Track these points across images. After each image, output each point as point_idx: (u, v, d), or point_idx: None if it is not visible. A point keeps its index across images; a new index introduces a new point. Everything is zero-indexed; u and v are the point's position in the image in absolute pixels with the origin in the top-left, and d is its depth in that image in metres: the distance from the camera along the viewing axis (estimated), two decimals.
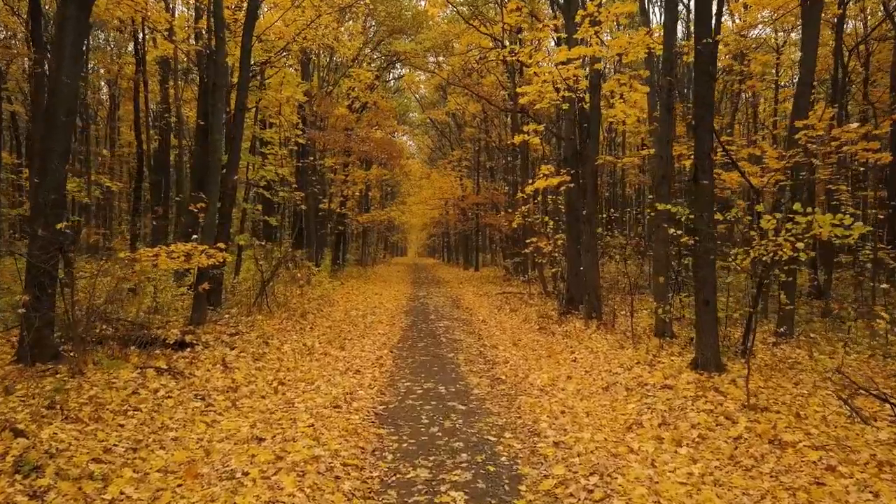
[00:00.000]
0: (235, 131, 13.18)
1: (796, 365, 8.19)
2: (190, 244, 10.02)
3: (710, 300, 7.43)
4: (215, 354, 8.90)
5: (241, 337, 10.44)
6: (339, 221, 28.94)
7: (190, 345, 9.10)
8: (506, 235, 28.57)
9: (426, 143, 49.36)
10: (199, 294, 10.71)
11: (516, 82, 21.17)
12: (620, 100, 11.82)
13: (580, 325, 11.74)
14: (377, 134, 22.57)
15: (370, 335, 11.51)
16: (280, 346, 10.10)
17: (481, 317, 14.34)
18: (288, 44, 17.24)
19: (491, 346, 10.40)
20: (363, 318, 13.91)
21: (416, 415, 6.37)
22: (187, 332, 9.64)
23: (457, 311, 15.62)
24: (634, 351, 9.05)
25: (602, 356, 9.02)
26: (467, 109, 31.94)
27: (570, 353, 9.58)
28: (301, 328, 12.03)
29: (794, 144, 9.55)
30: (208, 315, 12.35)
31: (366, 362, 8.96)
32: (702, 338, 7.49)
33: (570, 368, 8.56)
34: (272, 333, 11.09)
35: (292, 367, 8.59)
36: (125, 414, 5.80)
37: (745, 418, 5.73)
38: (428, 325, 13.09)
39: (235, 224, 19.26)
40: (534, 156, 28.47)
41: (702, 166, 7.44)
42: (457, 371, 8.46)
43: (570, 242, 13.28)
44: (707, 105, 7.51)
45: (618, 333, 11.02)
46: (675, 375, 7.47)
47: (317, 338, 11.03)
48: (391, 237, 65.91)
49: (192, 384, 7.10)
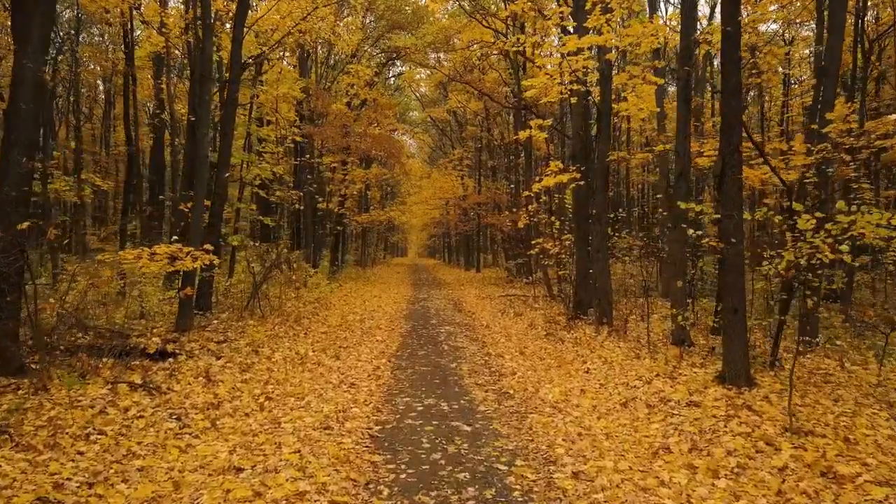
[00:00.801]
0: (226, 127, 12.54)
1: (829, 378, 7.51)
2: (174, 246, 9.38)
3: (738, 308, 6.77)
4: (199, 365, 8.24)
5: (229, 345, 9.78)
6: (337, 222, 28.27)
7: (172, 354, 8.44)
8: (508, 236, 27.90)
9: (427, 143, 48.71)
10: (185, 299, 10.04)
11: (520, 78, 20.52)
12: (632, 92, 11.16)
13: (590, 332, 11.08)
14: (376, 130, 21.86)
15: (367, 342, 10.85)
16: (271, 354, 9.44)
17: (484, 321, 13.68)
18: (284, 37, 16.60)
19: (496, 354, 9.74)
20: (361, 322, 13.25)
21: (416, 437, 5.70)
22: (170, 340, 8.99)
23: (458, 316, 14.96)
24: (652, 361, 8.38)
25: (617, 367, 8.35)
26: (469, 107, 31.30)
27: (581, 362, 8.91)
28: (294, 334, 11.38)
29: (821, 139, 8.89)
30: (197, 320, 11.70)
31: (361, 374, 8.30)
32: (730, 349, 6.82)
33: (582, 380, 7.90)
34: (263, 340, 10.43)
35: (282, 378, 7.93)
36: (87, 439, 5.14)
37: (787, 444, 5.06)
38: (428, 330, 12.43)
39: (232, 224, 18.61)
40: (537, 154, 27.81)
41: (730, 161, 6.77)
42: (460, 384, 7.80)
43: (579, 243, 12.62)
44: (735, 93, 6.84)
45: (631, 341, 10.36)
46: (700, 390, 6.81)
47: (310, 345, 10.37)
48: (391, 237, 65.26)
49: (169, 401, 6.44)
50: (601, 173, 11.03)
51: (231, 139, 12.91)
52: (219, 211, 12.68)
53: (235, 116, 12.86)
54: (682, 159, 9.44)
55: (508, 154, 30.05)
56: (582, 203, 12.48)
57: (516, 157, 28.40)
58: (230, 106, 12.51)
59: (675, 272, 9.54)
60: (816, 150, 8.56)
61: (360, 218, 30.32)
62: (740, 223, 6.84)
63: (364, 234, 40.24)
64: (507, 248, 29.94)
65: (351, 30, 25.62)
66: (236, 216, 17.35)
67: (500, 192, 30.06)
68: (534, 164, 25.80)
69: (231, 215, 17.66)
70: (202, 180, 9.95)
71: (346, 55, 25.39)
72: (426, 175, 41.68)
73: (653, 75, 10.84)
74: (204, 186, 9.99)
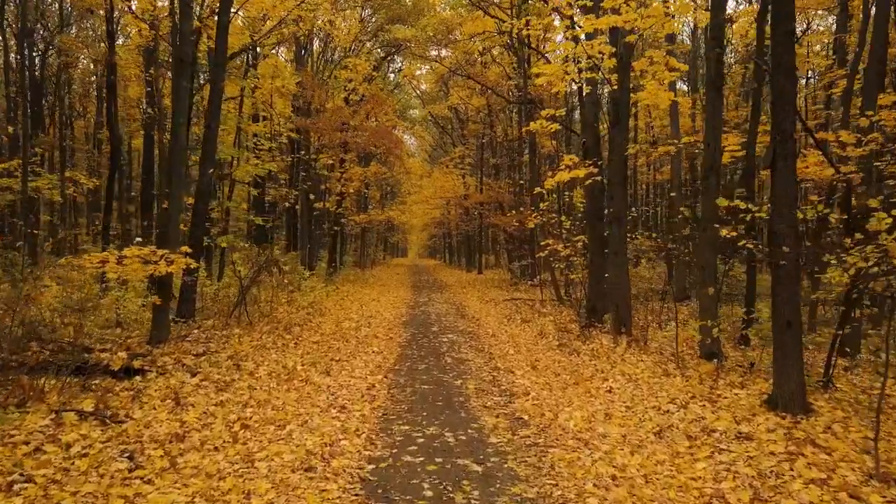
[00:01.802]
0: (211, 119, 11.58)
1: (890, 400, 6.54)
2: (147, 248, 8.42)
3: (793, 322, 5.80)
4: (170, 384, 7.27)
5: (208, 358, 8.81)
6: (335, 222, 27.30)
7: (139, 371, 7.47)
8: (511, 236, 26.93)
9: (427, 142, 47.74)
10: (160, 307, 9.07)
11: (526, 71, 19.55)
12: (652, 80, 10.18)
13: (607, 342, 10.10)
14: (373, 124, 20.87)
15: (362, 354, 9.87)
16: (254, 369, 8.47)
17: (490, 329, 12.70)
18: (277, 25, 15.64)
19: (505, 369, 8.75)
20: (356, 330, 12.27)
21: (416, 481, 4.73)
22: (138, 354, 8.01)
23: (461, 322, 13.98)
24: (684, 380, 7.40)
25: (644, 385, 7.38)
26: (471, 104, 30.33)
27: (601, 379, 7.94)
28: (284, 344, 10.40)
29: (867, 129, 7.93)
30: (177, 329, 10.74)
31: (354, 393, 7.32)
32: (782, 369, 5.84)
33: (605, 402, 6.92)
34: (247, 352, 9.47)
35: (264, 399, 6.95)
36: (8, 490, 4.16)
37: (878, 498, 4.09)
38: (429, 339, 11.45)
39: (219, 223, 17.62)
40: (541, 152, 26.85)
41: (782, 152, 5.80)
42: (467, 407, 6.82)
43: (593, 245, 11.65)
44: (789, 72, 5.87)
45: (653, 353, 9.38)
46: (748, 418, 5.83)
47: (300, 358, 9.40)
48: (391, 238, 64.33)
49: (124, 433, 5.46)
50: (619, 168, 10.06)
51: (216, 132, 11.95)
52: (203, 209, 11.72)
53: (221, 108, 11.89)
54: (713, 152, 8.47)
55: (512, 152, 29.10)
56: (596, 201, 11.51)
57: (520, 154, 27.45)
58: (215, 96, 11.55)
59: (704, 278, 8.56)
60: (867, 141, 7.58)
61: (358, 218, 29.35)
62: (795, 224, 5.86)
63: (363, 235, 39.29)
64: (510, 250, 28.96)
65: (349, 22, 24.66)
66: (226, 215, 16.38)
67: (503, 191, 29.09)
68: (539, 161, 24.83)
69: (220, 214, 16.69)
70: (179, 175, 8.98)
71: (344, 48, 24.44)
72: (427, 174, 40.71)
73: (676, 61, 9.86)
74: (181, 181, 9.03)
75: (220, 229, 16.63)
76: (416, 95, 39.69)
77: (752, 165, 10.01)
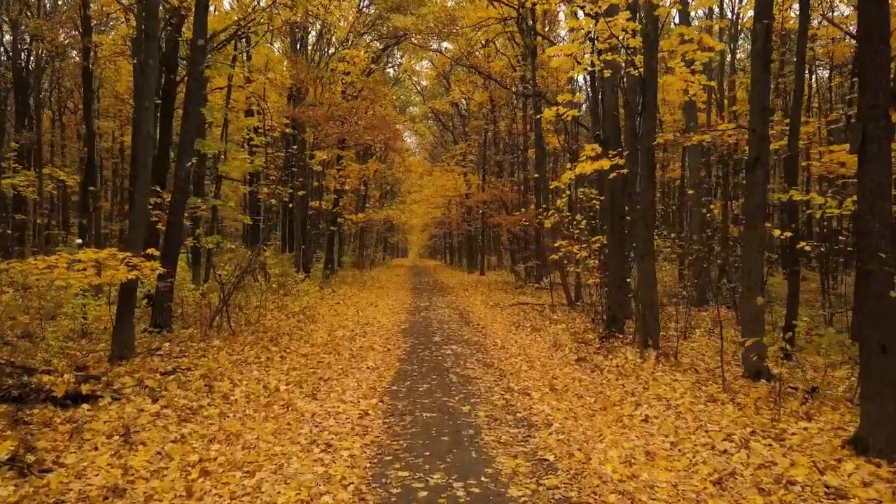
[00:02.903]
0: (190, 107, 10.44)
1: None
2: (105, 251, 7.27)
3: (888, 345, 4.63)
4: (125, 413, 6.12)
5: (178, 377, 7.66)
6: (331, 221, 26.15)
7: (89, 398, 6.31)
8: (515, 237, 25.79)
9: (428, 140, 46.60)
10: (122, 318, 7.92)
11: (533, 62, 18.41)
12: (680, 62, 9.03)
13: (632, 356, 8.94)
14: (370, 113, 19.68)
15: (356, 370, 8.71)
16: (230, 390, 7.32)
17: (498, 339, 11.54)
18: (267, 7, 14.49)
19: (520, 390, 7.59)
20: (350, 341, 11.12)
21: None
22: (92, 377, 6.84)
23: (466, 330, 12.82)
24: (735, 408, 6.24)
25: (688, 414, 6.22)
26: (473, 98, 29.19)
27: (634, 404, 6.78)
28: (268, 358, 9.25)
29: None
30: (149, 341, 9.60)
31: (343, 425, 6.16)
32: (876, 404, 4.69)
33: (643, 435, 5.77)
34: (225, 369, 8.32)
35: (235, 432, 5.81)
36: None
37: None
38: (431, 352, 10.30)
39: (204, 223, 16.46)
40: (546, 149, 25.69)
41: (875, 131, 4.65)
42: (478, 443, 5.66)
43: (613, 246, 10.51)
44: (881, 35, 4.71)
45: (686, 370, 8.23)
46: (833, 465, 4.68)
47: (285, 375, 8.25)
48: (391, 238, 63.25)
49: (46, 488, 4.31)
50: (646, 159, 8.89)
51: (195, 121, 10.81)
52: (181, 206, 10.58)
53: (201, 94, 10.75)
54: (759, 140, 7.32)
55: (516, 150, 27.94)
56: (616, 197, 10.37)
57: (524, 151, 26.29)
58: (194, 82, 10.41)
59: (749, 284, 7.40)
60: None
61: (355, 217, 28.19)
62: (887, 220, 4.70)
63: (362, 235, 38.16)
64: (514, 250, 27.81)
65: (346, 12, 23.50)
66: (213, 214, 15.22)
67: (507, 189, 27.95)
68: (544, 158, 23.69)
69: (207, 213, 15.54)
70: (145, 166, 7.83)
71: (340, 40, 23.33)
72: (427, 172, 39.55)
73: (710, 38, 8.71)
74: (147, 175, 7.87)
75: (207, 229, 15.47)
76: (417, 91, 38.53)
77: (796, 154, 8.86)
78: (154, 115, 7.93)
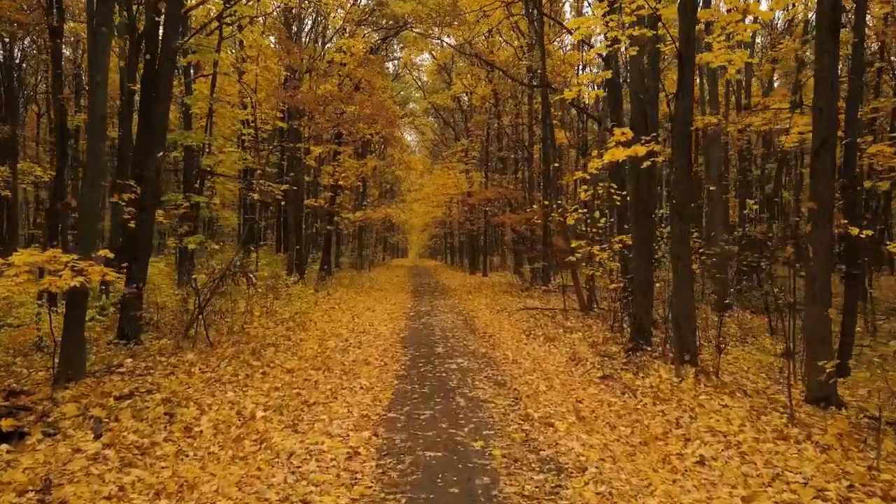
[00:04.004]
0: (161, 89, 9.26)
1: None
2: (46, 253, 6.08)
3: None
4: (56, 454, 4.93)
5: (135, 402, 6.47)
6: (328, 220, 24.95)
7: (10, 436, 5.11)
8: (521, 236, 24.59)
9: (428, 138, 45.38)
10: (71, 332, 6.72)
11: (543, 50, 17.20)
12: (720, 36, 7.83)
13: (666, 374, 7.74)
14: (365, 97, 18.42)
15: (347, 391, 7.51)
16: (195, 419, 6.14)
17: (508, 351, 10.33)
18: None
19: (541, 418, 6.38)
20: (343, 353, 9.92)
21: None
22: (22, 406, 5.65)
23: (472, 340, 11.62)
24: (817, 450, 5.03)
25: (754, 455, 5.02)
26: (476, 92, 27.98)
27: (681, 439, 5.59)
28: (247, 375, 8.07)
29: None
30: (111, 357, 8.41)
31: (327, 470, 4.96)
32: None
33: (702, 485, 4.58)
34: (196, 388, 7.15)
35: (190, 481, 4.62)
36: None
37: None
38: (434, 366, 9.09)
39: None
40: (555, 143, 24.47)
41: None
42: (498, 499, 4.45)
43: (638, 246, 9.31)
44: None
45: (734, 391, 7.03)
46: None
47: (265, 397, 7.07)
48: (391, 238, 62.06)
49: None
50: (682, 145, 7.68)
51: (167, 106, 9.61)
52: (149, 203, 9.38)
53: (174, 72, 9.57)
54: (827, 120, 6.13)
55: (521, 145, 26.72)
56: (642, 191, 9.17)
57: (530, 147, 25.10)
58: (166, 60, 9.21)
59: (814, 292, 6.20)
60: None
61: (353, 216, 26.98)
62: None
63: (360, 235, 36.96)
64: (519, 251, 26.61)
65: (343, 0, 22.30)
66: (195, 211, 14.02)
67: (511, 187, 26.75)
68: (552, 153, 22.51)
69: (191, 211, 14.35)
70: (95, 153, 6.62)
71: (336, 27, 22.16)
72: (428, 170, 38.32)
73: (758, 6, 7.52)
74: (98, 163, 6.67)
75: (192, 228, 14.28)
76: (417, 85, 37.33)
77: (855, 138, 7.67)
78: (103, 91, 6.69)
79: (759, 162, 20.85)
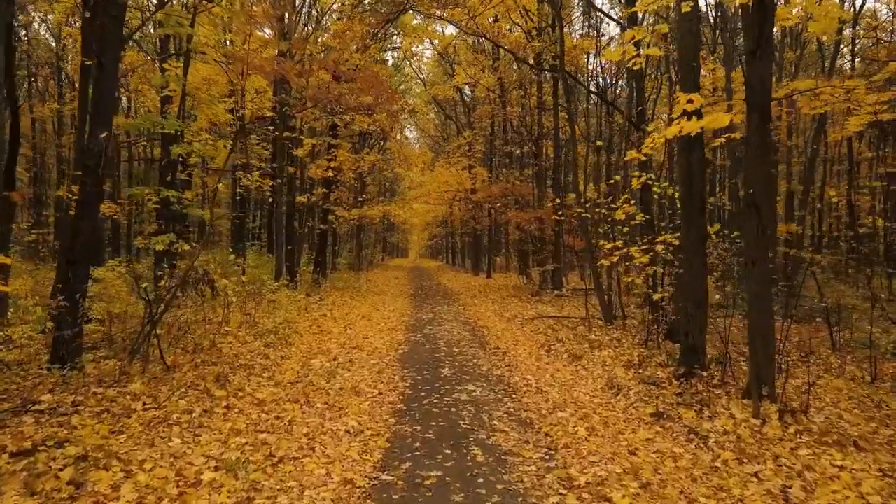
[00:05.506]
0: (104, 57, 7.57)
1: None
2: None
3: None
4: None
5: (35, 461, 4.75)
6: (322, 218, 23.22)
7: None
8: (531, 236, 22.87)
9: (429, 135, 43.63)
10: None
11: (562, 31, 15.47)
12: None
13: (739, 413, 6.01)
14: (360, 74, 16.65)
15: (328, 439, 5.78)
16: (111, 487, 4.44)
17: (529, 374, 8.59)
18: None
19: (590, 486, 4.65)
20: (329, 377, 8.20)
21: None
22: None
23: (483, 357, 9.89)
24: None
25: None
26: (480, 82, 26.25)
27: None
28: (204, 412, 6.37)
29: None
30: (30, 388, 6.72)
31: None
32: None
33: None
34: (129, 435, 5.44)
35: None
36: None
37: None
38: (440, 396, 7.37)
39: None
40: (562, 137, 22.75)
41: None
42: None
43: (690, 248, 7.59)
44: None
45: (841, 442, 5.31)
46: None
47: (220, 445, 5.36)
48: (390, 238, 60.42)
49: None
50: (760, 121, 5.96)
51: (115, 77, 7.90)
52: (93, 193, 7.67)
53: (121, 36, 7.87)
54: None
55: (529, 138, 24.96)
56: (697, 181, 7.45)
57: (539, 139, 23.37)
58: (111, 20, 7.52)
59: None
60: None
61: (349, 214, 25.28)
62: None
63: (359, 234, 35.25)
64: (528, 252, 24.88)
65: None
66: (165, 208, 12.30)
67: (518, 183, 25.01)
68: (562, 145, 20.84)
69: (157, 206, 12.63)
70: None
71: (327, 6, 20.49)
72: (429, 167, 36.61)
73: None
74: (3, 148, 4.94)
75: (156, 228, 12.57)
76: (418, 78, 35.62)
77: None
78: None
79: None
